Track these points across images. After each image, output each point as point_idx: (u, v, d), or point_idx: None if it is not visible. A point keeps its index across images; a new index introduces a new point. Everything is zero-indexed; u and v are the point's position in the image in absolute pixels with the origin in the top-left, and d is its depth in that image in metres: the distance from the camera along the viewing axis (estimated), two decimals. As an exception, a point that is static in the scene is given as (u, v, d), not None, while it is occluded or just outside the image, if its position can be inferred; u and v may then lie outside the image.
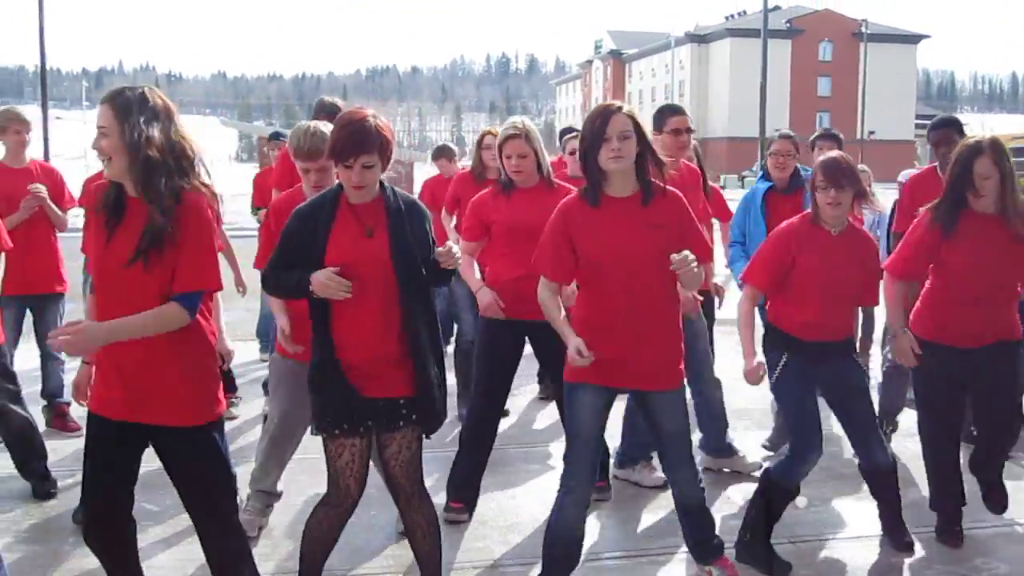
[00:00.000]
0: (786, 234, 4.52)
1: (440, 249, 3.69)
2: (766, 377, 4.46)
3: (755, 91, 32.08)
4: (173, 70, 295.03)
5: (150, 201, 3.27)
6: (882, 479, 4.64)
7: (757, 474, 5.43)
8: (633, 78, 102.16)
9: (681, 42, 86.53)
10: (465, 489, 5.17)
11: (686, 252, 3.76)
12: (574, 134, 8.26)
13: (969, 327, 4.59)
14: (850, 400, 4.57)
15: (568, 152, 7.88)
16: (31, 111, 4.32)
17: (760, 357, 4.45)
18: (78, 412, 6.32)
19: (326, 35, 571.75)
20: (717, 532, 4.37)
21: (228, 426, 6.76)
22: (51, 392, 6.87)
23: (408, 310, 3.67)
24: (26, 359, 6.65)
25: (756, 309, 4.73)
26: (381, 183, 3.75)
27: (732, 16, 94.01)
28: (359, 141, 3.58)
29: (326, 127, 4.51)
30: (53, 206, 6.42)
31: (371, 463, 3.89)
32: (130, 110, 3.30)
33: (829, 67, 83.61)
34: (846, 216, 4.46)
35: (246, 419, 7.19)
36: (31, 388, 6.35)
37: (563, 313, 4.05)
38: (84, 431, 4.48)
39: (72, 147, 72.51)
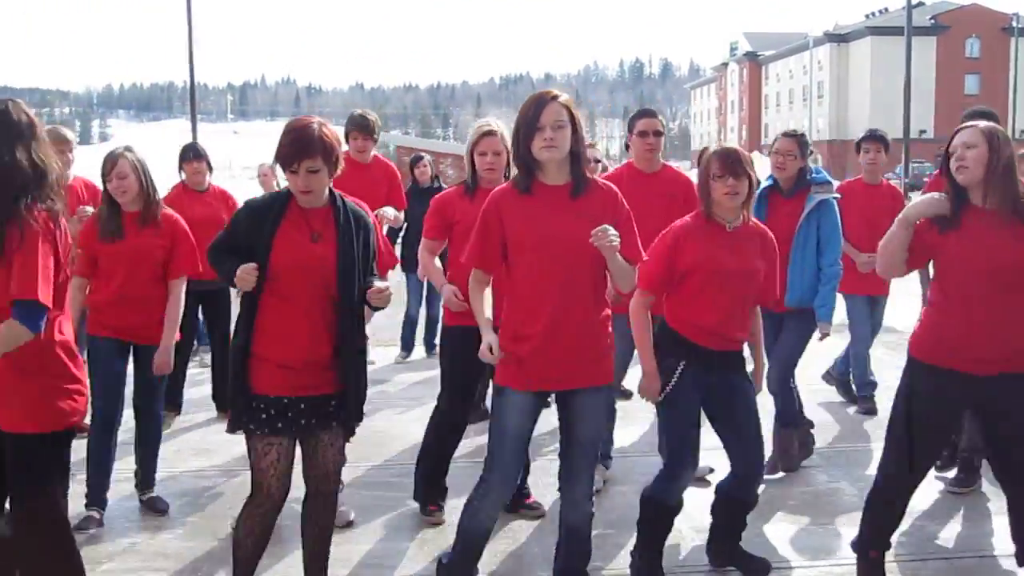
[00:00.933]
0: (674, 232, 4.30)
1: (374, 287, 3.79)
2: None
3: (898, 91, 31.09)
4: (313, 82, 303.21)
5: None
6: (742, 510, 4.45)
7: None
8: (770, 80, 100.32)
9: (819, 42, 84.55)
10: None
11: (607, 225, 3.67)
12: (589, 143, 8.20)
13: (972, 343, 3.94)
14: (739, 420, 4.35)
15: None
16: (181, 124, 4.45)
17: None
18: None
19: (460, 45, 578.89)
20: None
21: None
22: None
23: (343, 314, 3.80)
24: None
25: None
26: (331, 192, 3.86)
27: (873, 14, 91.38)
28: (302, 147, 3.69)
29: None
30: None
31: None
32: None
33: (977, 64, 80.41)
34: (741, 209, 4.28)
35: (388, 422, 7.36)
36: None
37: (488, 311, 3.97)
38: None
39: (215, 158, 75.32)
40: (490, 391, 4.69)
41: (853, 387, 7.62)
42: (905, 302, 7.50)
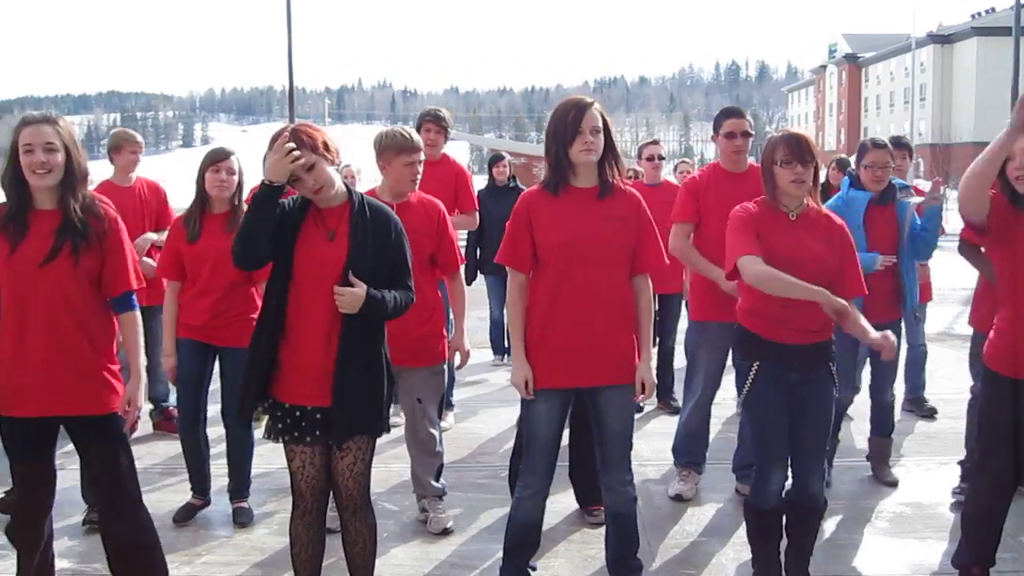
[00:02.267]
0: (747, 215, 4.15)
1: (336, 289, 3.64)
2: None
3: (1005, 93, 30.27)
4: (408, 86, 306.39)
5: (76, 209, 3.74)
6: (806, 516, 4.26)
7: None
8: (870, 82, 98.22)
9: (923, 43, 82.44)
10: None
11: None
12: (653, 140, 8.14)
13: None
14: (807, 417, 4.16)
15: (645, 158, 7.75)
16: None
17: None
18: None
19: (554, 48, 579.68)
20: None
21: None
22: (157, 396, 7.33)
23: (346, 318, 3.65)
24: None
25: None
26: (349, 189, 3.82)
27: (979, 14, 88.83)
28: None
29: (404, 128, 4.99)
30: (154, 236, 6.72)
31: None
32: (70, 133, 3.74)
33: (1089, 65, 77.54)
34: (805, 196, 4.13)
35: (475, 428, 7.37)
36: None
37: (522, 331, 4.06)
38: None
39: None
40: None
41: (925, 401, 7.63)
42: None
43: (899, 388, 7.50)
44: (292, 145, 3.59)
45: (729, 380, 6.19)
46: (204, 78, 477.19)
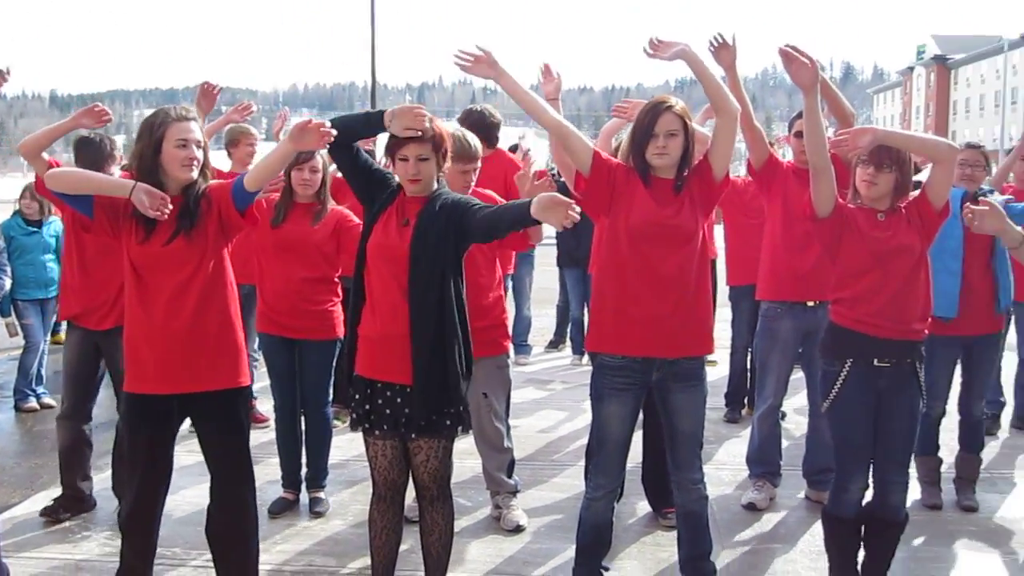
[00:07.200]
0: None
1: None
2: None
3: (1101, 98, 29.32)
4: (489, 83, 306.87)
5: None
6: (886, 529, 4.17)
7: None
8: (959, 85, 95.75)
9: (1015, 45, 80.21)
10: None
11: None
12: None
13: None
14: (892, 426, 4.08)
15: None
16: None
17: None
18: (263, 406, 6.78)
19: (636, 46, 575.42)
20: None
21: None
22: None
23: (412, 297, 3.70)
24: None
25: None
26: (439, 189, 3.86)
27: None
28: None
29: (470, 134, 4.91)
30: None
31: None
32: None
33: None
34: (891, 200, 4.08)
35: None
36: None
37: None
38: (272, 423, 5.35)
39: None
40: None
41: None
42: None
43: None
44: (424, 114, 3.72)
45: (796, 383, 6.12)
46: (288, 74, 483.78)
